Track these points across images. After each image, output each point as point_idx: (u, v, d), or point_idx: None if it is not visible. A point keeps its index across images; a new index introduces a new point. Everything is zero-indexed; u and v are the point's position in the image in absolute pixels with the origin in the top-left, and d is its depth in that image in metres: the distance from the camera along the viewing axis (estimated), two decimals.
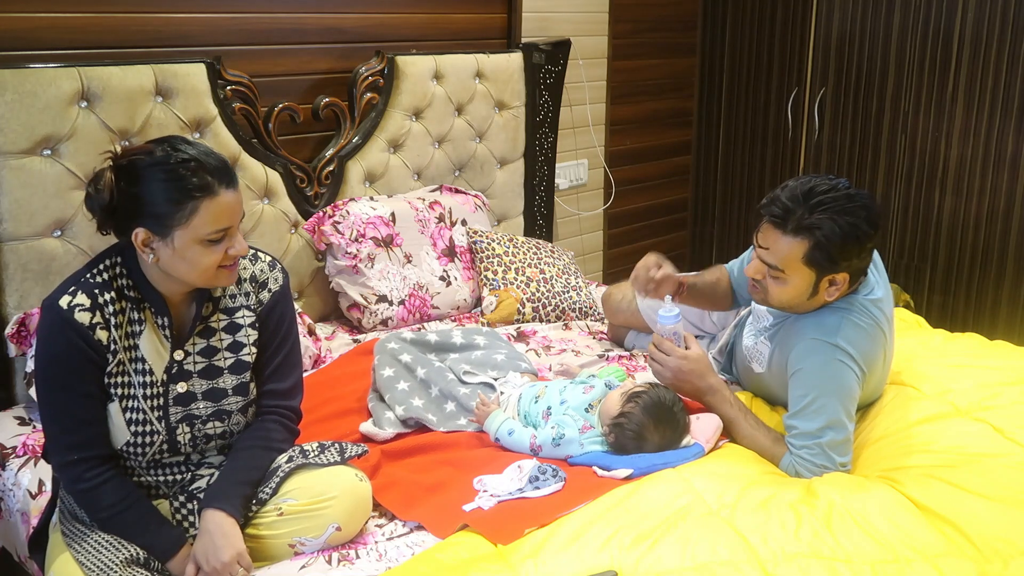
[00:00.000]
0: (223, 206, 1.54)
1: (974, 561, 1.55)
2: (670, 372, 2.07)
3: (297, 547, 1.65)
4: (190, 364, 1.66)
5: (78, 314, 1.54)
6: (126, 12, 2.42)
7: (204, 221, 1.53)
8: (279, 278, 1.77)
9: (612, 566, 1.52)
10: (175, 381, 1.65)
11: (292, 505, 1.65)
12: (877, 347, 2.00)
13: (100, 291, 1.57)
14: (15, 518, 1.97)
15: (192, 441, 1.68)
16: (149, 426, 1.62)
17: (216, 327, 1.69)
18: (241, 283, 1.72)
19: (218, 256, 1.56)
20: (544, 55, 3.29)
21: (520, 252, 2.98)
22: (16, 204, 2.18)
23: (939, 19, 3.46)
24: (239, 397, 1.71)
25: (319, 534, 1.64)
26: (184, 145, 1.55)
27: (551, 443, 1.92)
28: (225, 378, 1.69)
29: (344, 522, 1.66)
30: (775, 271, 1.92)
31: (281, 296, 1.76)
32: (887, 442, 1.97)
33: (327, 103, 2.80)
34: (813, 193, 1.87)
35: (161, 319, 1.63)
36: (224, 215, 1.54)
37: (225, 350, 1.70)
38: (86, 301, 1.55)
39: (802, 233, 1.86)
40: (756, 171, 4.17)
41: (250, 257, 1.75)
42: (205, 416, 1.68)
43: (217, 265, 1.57)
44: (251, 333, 1.72)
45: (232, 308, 1.71)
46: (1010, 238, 3.42)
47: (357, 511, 1.69)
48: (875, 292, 2.01)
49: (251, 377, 1.73)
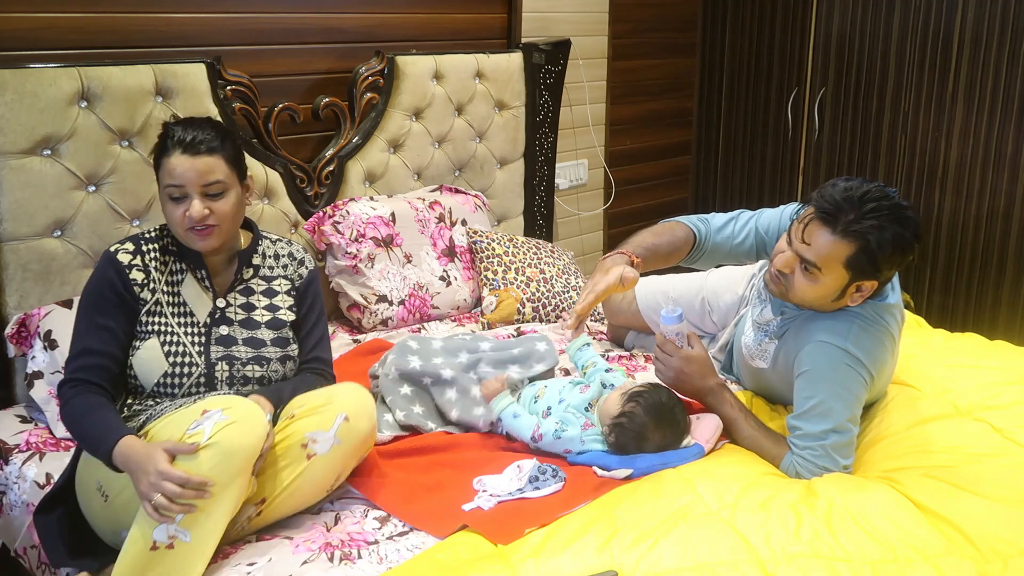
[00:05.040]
0: (174, 165, 1.74)
1: (974, 561, 1.55)
2: (672, 372, 2.07)
3: (310, 445, 1.69)
4: (232, 312, 1.87)
5: (120, 255, 1.80)
6: (126, 12, 2.42)
7: (163, 176, 1.77)
8: (312, 260, 2.01)
9: (612, 566, 1.52)
10: (217, 324, 1.84)
11: (302, 409, 1.74)
12: (886, 352, 1.99)
13: (145, 243, 1.83)
14: (17, 511, 1.98)
15: (229, 379, 1.82)
16: (188, 358, 1.79)
17: (255, 289, 1.91)
18: (279, 257, 1.96)
19: (179, 214, 1.75)
20: (544, 55, 3.29)
21: (520, 252, 2.98)
22: (16, 204, 2.18)
23: (939, 19, 3.46)
24: (277, 348, 1.88)
25: (329, 426, 1.70)
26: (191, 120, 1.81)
27: (552, 434, 1.92)
28: (263, 331, 1.88)
29: (352, 412, 1.74)
30: (811, 268, 1.90)
31: (315, 274, 2.00)
32: (887, 442, 1.97)
33: (327, 103, 2.80)
34: (867, 198, 1.85)
35: (200, 272, 1.85)
36: (174, 174, 1.74)
37: (263, 308, 1.90)
38: (131, 247, 1.82)
39: (851, 236, 1.84)
40: (756, 171, 4.17)
41: (285, 241, 2.00)
42: (245, 359, 1.84)
43: (182, 223, 1.76)
44: (287, 299, 1.94)
45: (270, 276, 1.94)
46: (1010, 238, 3.42)
47: (363, 405, 1.78)
48: (889, 298, 2.00)
49: (290, 336, 1.92)
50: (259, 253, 1.94)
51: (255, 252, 1.93)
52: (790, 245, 1.94)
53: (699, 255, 2.26)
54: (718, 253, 2.26)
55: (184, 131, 1.76)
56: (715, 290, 2.43)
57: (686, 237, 2.23)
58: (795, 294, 1.97)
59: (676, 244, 2.23)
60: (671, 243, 2.23)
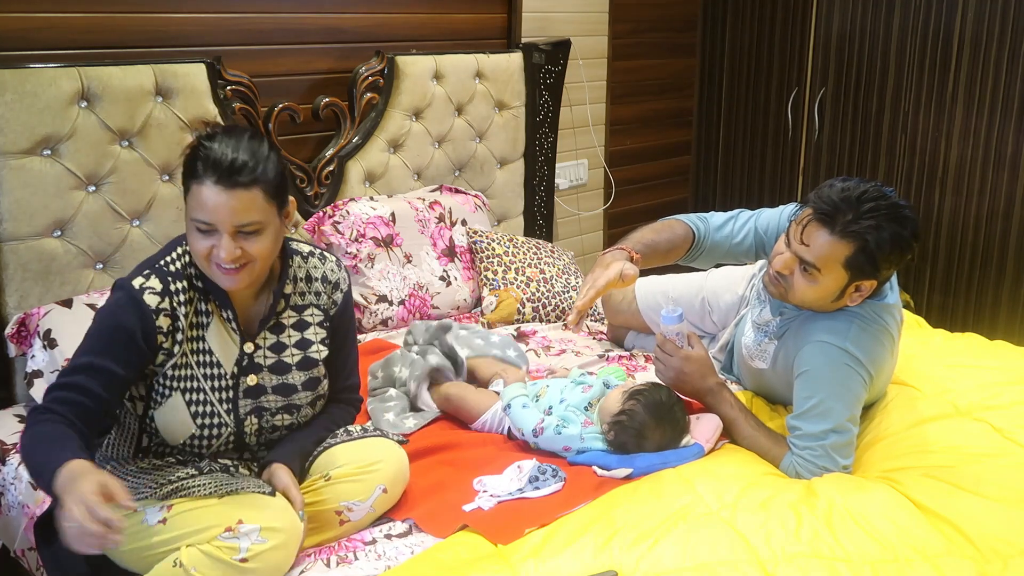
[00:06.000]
0: (205, 197, 1.52)
1: (974, 561, 1.55)
2: (672, 372, 2.07)
3: (344, 513, 1.67)
4: (260, 357, 1.69)
5: (147, 296, 1.57)
6: (126, 12, 2.42)
7: (191, 203, 1.55)
8: (346, 277, 1.81)
9: (612, 566, 1.52)
10: (245, 373, 1.67)
11: (339, 470, 1.68)
12: (885, 352, 1.99)
13: (173, 279, 1.60)
14: (14, 512, 1.98)
15: (259, 431, 1.71)
16: (217, 418, 1.64)
17: (285, 323, 1.72)
18: (312, 282, 1.75)
19: (205, 248, 1.55)
20: (544, 55, 3.29)
21: (520, 252, 2.98)
22: (16, 204, 2.18)
23: (939, 19, 3.46)
24: (308, 392, 1.74)
25: (367, 497, 1.67)
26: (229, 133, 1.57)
27: (553, 430, 1.93)
28: (294, 374, 1.72)
29: (390, 484, 1.71)
30: (810, 269, 1.90)
31: (350, 296, 1.83)
32: (887, 442, 1.97)
33: (327, 103, 2.80)
34: (864, 198, 1.85)
35: (226, 312, 1.65)
36: (205, 208, 1.52)
37: (293, 346, 1.73)
38: (157, 285, 1.59)
39: (850, 236, 1.85)
40: (756, 171, 4.17)
41: (318, 256, 1.78)
42: (274, 409, 1.71)
43: (206, 257, 1.56)
44: (319, 332, 1.76)
45: (301, 305, 1.74)
46: (1010, 238, 3.41)
47: (400, 474, 1.75)
48: (888, 298, 2.01)
49: (321, 373, 1.77)
50: (290, 278, 1.73)
51: (287, 278, 1.72)
52: (788, 246, 1.94)
53: (698, 253, 2.26)
54: (717, 252, 2.26)
55: (220, 151, 1.52)
56: (715, 290, 2.43)
57: (685, 235, 2.23)
58: (794, 295, 1.97)
59: (675, 241, 2.23)
60: (670, 240, 2.23)
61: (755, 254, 2.24)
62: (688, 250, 2.25)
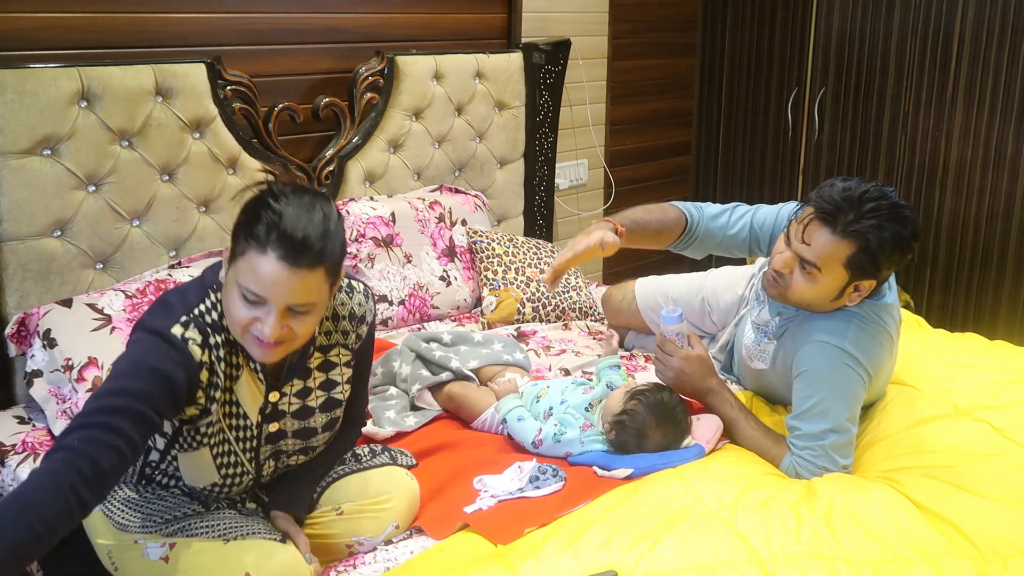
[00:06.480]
0: (265, 271, 1.37)
1: (974, 561, 1.55)
2: (672, 372, 2.07)
3: (354, 547, 1.67)
4: (285, 404, 1.61)
5: (191, 347, 1.44)
6: (126, 12, 2.42)
7: (243, 268, 1.39)
8: (372, 308, 1.70)
9: (612, 566, 1.52)
10: (268, 421, 1.60)
11: (352, 505, 1.68)
12: (884, 352, 1.99)
13: (212, 332, 1.48)
14: None
15: (274, 472, 1.68)
16: (240, 467, 1.59)
17: (311, 366, 1.63)
18: (339, 320, 1.65)
19: (247, 319, 1.42)
20: (544, 55, 3.29)
21: (520, 252, 2.98)
22: (16, 204, 2.18)
23: (939, 19, 3.46)
24: (327, 433, 1.69)
25: (378, 533, 1.67)
26: (299, 196, 1.42)
27: (552, 438, 1.93)
28: (316, 417, 1.66)
29: (402, 520, 1.70)
30: (810, 268, 1.90)
31: (374, 326, 1.72)
32: (887, 442, 1.97)
33: (327, 103, 2.80)
34: (866, 198, 1.85)
35: (254, 363, 1.54)
36: (262, 282, 1.38)
37: (318, 389, 1.65)
38: (197, 336, 1.46)
39: (851, 236, 1.85)
40: (756, 171, 4.17)
41: (344, 290, 1.66)
42: (291, 451, 1.66)
43: (245, 327, 1.43)
44: (345, 372, 1.68)
45: (327, 346, 1.64)
46: (1010, 238, 3.42)
47: (411, 509, 1.74)
48: (886, 297, 2.01)
49: (341, 412, 1.71)
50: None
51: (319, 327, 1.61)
52: (789, 245, 1.94)
53: (690, 240, 2.25)
54: (710, 241, 2.25)
55: (292, 223, 1.37)
56: (715, 290, 2.43)
57: (677, 219, 2.23)
58: (793, 294, 1.97)
59: (666, 223, 2.22)
60: (661, 222, 2.22)
61: (748, 248, 2.24)
62: (680, 236, 2.24)
